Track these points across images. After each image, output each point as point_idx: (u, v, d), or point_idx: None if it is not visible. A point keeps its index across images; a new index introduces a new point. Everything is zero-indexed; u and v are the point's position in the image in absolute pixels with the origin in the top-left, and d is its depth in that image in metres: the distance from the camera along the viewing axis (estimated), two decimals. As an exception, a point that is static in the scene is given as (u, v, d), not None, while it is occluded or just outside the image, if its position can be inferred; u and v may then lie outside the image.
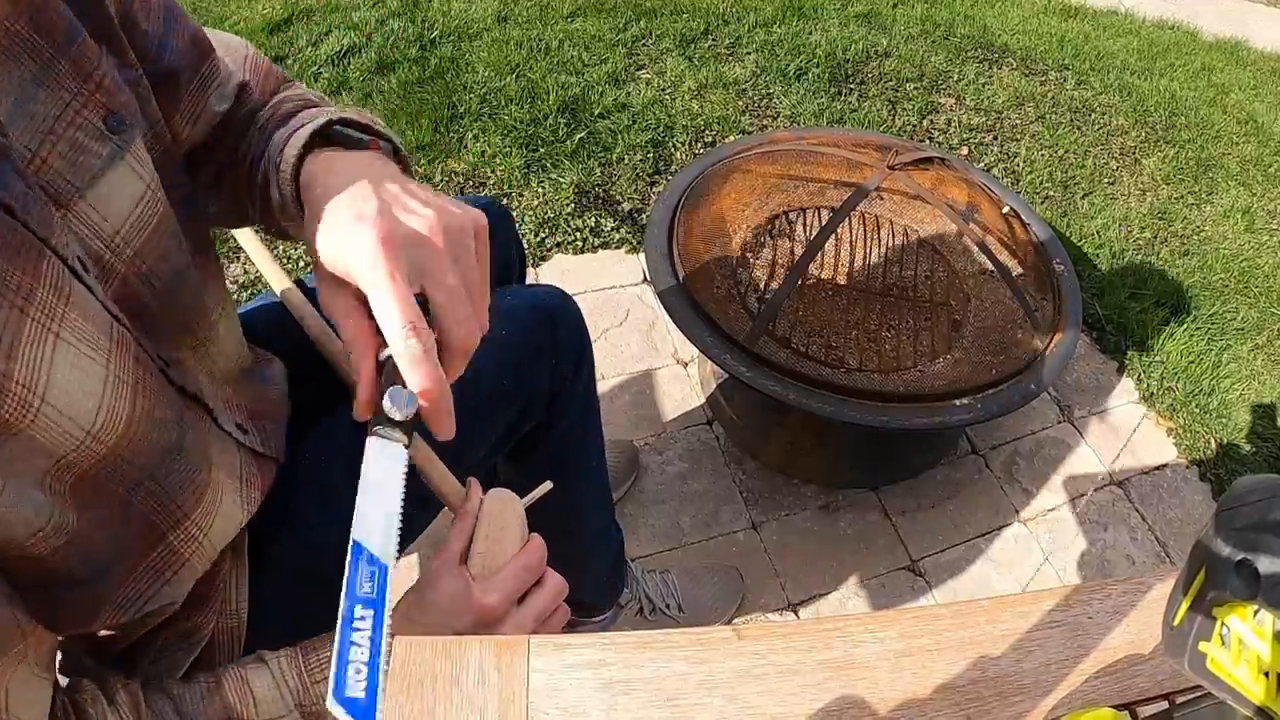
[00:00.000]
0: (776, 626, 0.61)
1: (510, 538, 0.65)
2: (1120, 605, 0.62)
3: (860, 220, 1.60)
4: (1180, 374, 1.76)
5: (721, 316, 1.32)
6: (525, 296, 0.89)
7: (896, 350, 1.41)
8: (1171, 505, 1.57)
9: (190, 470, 0.56)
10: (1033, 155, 2.20)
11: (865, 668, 0.58)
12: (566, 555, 1.11)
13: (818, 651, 0.58)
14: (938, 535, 1.50)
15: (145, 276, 0.55)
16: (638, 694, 0.56)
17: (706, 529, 1.46)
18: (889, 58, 2.43)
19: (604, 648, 0.58)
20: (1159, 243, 2.03)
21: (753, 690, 0.56)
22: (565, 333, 0.89)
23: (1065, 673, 0.58)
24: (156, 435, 0.52)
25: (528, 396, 0.87)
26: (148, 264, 0.55)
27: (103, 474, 0.48)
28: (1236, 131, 2.37)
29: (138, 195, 0.53)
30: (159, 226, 0.55)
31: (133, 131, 0.52)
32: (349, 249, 0.47)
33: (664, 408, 1.62)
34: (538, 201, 1.91)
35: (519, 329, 0.84)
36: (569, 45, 2.30)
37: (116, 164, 0.51)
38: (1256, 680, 0.37)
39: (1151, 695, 0.57)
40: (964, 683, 0.57)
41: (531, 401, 0.87)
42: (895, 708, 0.56)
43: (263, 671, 0.58)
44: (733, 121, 2.16)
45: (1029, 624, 0.61)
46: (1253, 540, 0.38)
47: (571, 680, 0.57)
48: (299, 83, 0.76)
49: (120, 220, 0.52)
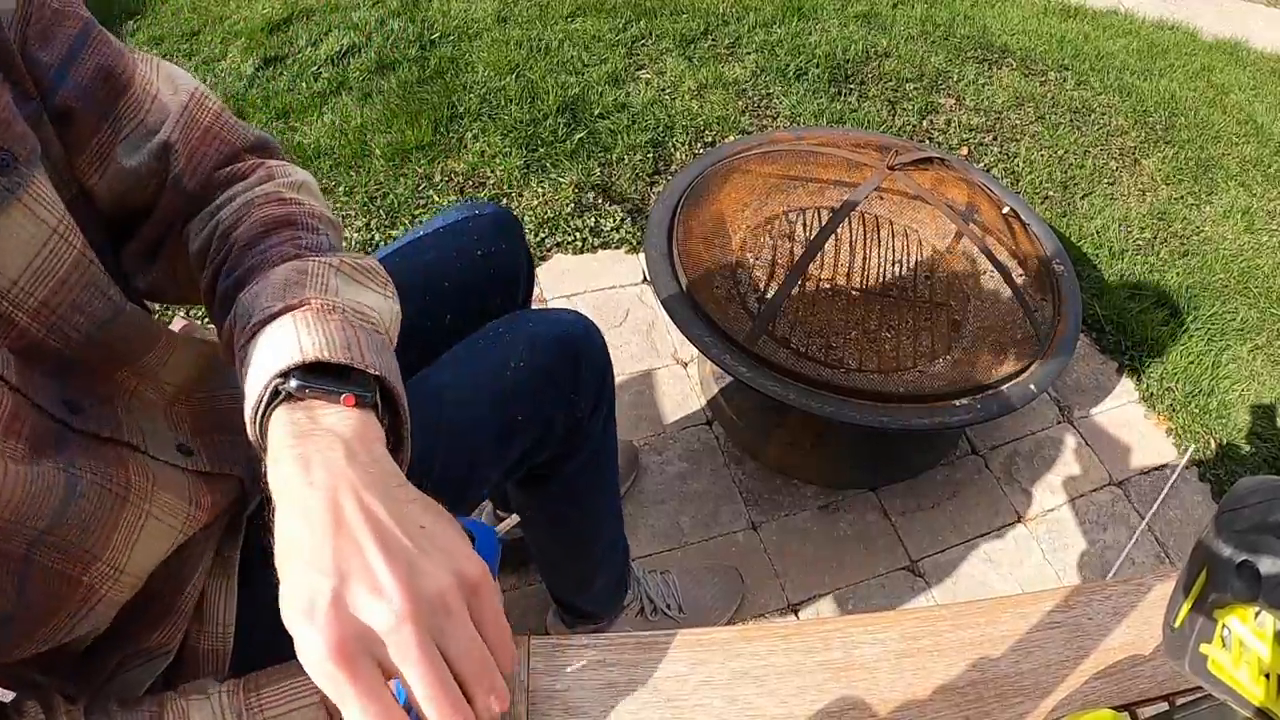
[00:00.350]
0: (776, 627, 0.61)
1: None
2: (1120, 606, 0.62)
3: (860, 220, 1.60)
4: (1180, 374, 1.76)
5: (721, 317, 1.32)
6: (549, 326, 0.83)
7: (896, 350, 1.41)
8: (1171, 506, 1.58)
9: (95, 513, 0.52)
10: (1032, 155, 2.20)
11: (865, 669, 0.58)
12: (577, 571, 1.11)
13: (818, 652, 0.58)
14: (937, 536, 1.50)
15: (56, 327, 0.51)
16: (638, 694, 0.56)
17: (706, 529, 1.46)
18: (889, 58, 2.43)
19: (604, 648, 0.58)
20: (1159, 243, 2.03)
21: (753, 691, 0.56)
22: (588, 368, 0.85)
23: (1065, 673, 0.58)
24: (40, 501, 0.48)
25: (542, 429, 0.84)
26: (58, 314, 0.50)
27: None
28: (1236, 132, 2.37)
29: (39, 241, 0.48)
30: (69, 277, 0.50)
31: (26, 170, 0.47)
32: (301, 653, 0.38)
33: (664, 408, 1.62)
34: (537, 201, 1.91)
35: (539, 361, 0.81)
36: (569, 45, 2.30)
37: (9, 206, 0.46)
38: (1257, 681, 0.37)
39: (1151, 696, 0.57)
40: (964, 684, 0.57)
41: (547, 434, 0.85)
42: (895, 709, 0.56)
43: (204, 705, 0.54)
44: (732, 121, 2.16)
45: (1029, 625, 0.61)
46: (1254, 542, 0.38)
47: (571, 680, 0.57)
48: (284, 167, 0.63)
49: (16, 270, 0.47)
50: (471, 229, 0.91)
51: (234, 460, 0.65)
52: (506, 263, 0.94)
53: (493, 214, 0.94)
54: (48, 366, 0.52)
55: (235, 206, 0.57)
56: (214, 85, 2.15)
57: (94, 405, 0.55)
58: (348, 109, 2.08)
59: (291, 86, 2.15)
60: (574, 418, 0.87)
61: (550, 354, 0.82)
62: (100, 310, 0.53)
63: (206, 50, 2.27)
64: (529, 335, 0.82)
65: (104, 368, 0.57)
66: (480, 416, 0.78)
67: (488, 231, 0.93)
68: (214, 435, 0.65)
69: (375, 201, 1.88)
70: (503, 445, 0.81)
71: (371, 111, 2.07)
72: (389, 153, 1.96)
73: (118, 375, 0.58)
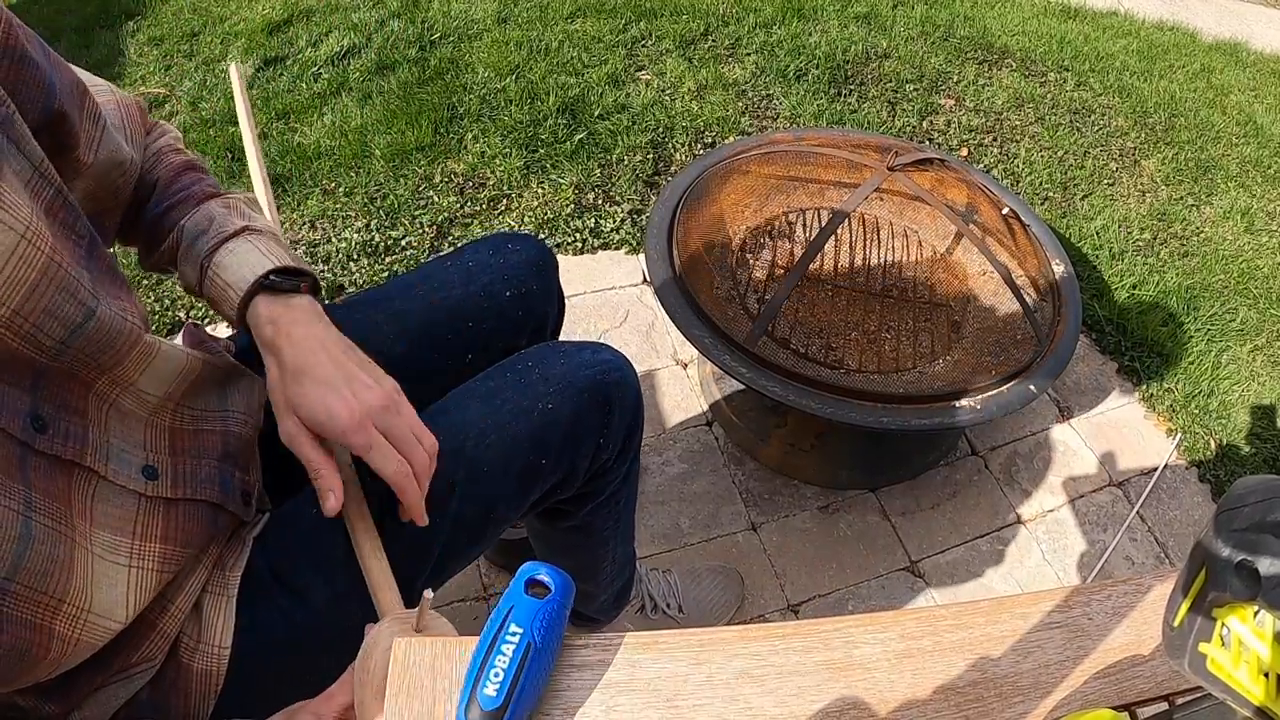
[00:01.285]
0: (776, 627, 0.61)
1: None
2: (1120, 606, 0.62)
3: (860, 221, 1.60)
4: (1180, 374, 1.76)
5: (721, 317, 1.32)
6: (582, 366, 0.79)
7: (896, 351, 1.41)
8: (1170, 506, 1.58)
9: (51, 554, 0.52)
10: (1032, 156, 2.20)
11: (865, 669, 0.58)
12: (583, 590, 1.11)
13: (818, 652, 0.58)
14: (937, 536, 1.50)
15: (29, 336, 0.52)
16: (638, 694, 0.56)
17: (706, 530, 1.46)
18: (889, 59, 2.43)
19: (604, 648, 0.58)
20: (1158, 244, 2.03)
21: (753, 691, 0.56)
22: (619, 414, 0.81)
23: (1065, 673, 0.58)
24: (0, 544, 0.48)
25: (565, 474, 0.81)
26: (31, 322, 0.51)
27: None
28: (1236, 133, 2.37)
29: (7, 248, 0.49)
30: (40, 282, 0.51)
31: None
32: (337, 419, 0.63)
33: (664, 409, 1.62)
34: (537, 202, 1.91)
35: (568, 408, 0.77)
36: (569, 46, 2.30)
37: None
38: (1256, 681, 0.37)
39: (1151, 696, 0.57)
40: (964, 684, 0.57)
41: (568, 479, 0.82)
42: (895, 709, 0.56)
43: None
44: (732, 122, 2.16)
45: (1029, 625, 0.61)
46: (1253, 541, 0.38)
47: (571, 680, 0.57)
48: (165, 126, 0.78)
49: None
50: (503, 265, 0.87)
51: (205, 483, 0.66)
52: (536, 305, 0.90)
53: (525, 251, 0.89)
54: (20, 379, 0.52)
55: (151, 152, 0.74)
56: (214, 86, 2.15)
57: (64, 420, 0.55)
58: (348, 110, 2.08)
59: (291, 87, 2.15)
60: (600, 462, 0.84)
61: (582, 399, 0.78)
62: (72, 314, 0.54)
63: (206, 50, 2.27)
64: (561, 377, 0.77)
65: (82, 375, 0.57)
66: (504, 460, 0.75)
67: (519, 271, 0.88)
68: (187, 459, 0.65)
69: (375, 202, 1.88)
70: (525, 489, 0.78)
71: (371, 112, 2.07)
72: (389, 153, 1.96)
73: (97, 384, 0.58)
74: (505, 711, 0.51)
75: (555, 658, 0.56)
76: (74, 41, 2.32)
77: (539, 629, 0.54)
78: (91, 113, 0.63)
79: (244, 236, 0.69)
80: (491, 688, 0.51)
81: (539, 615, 0.54)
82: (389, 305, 0.84)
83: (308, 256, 1.78)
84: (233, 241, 0.69)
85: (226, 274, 0.67)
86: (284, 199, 1.89)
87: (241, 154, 1.97)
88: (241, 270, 0.67)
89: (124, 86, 2.18)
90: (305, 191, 1.90)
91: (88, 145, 0.63)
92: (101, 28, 2.38)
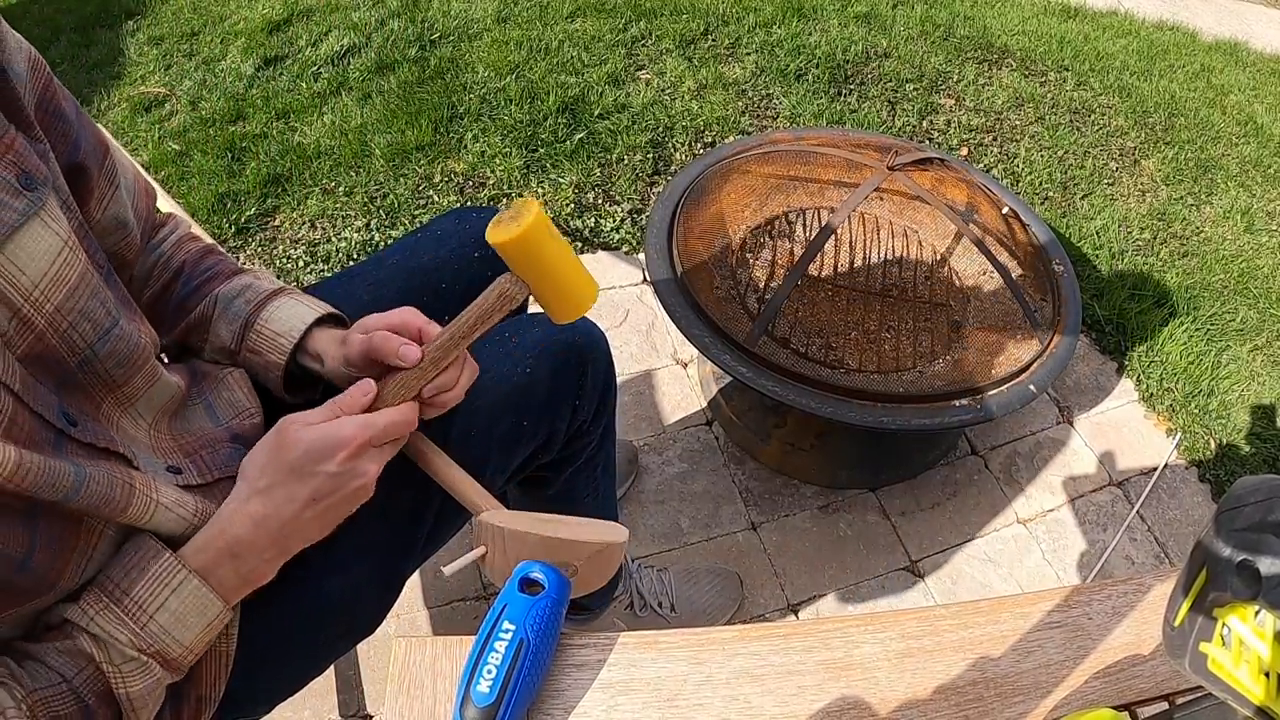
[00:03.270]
0: (776, 627, 0.61)
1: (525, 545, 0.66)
2: (1120, 606, 0.62)
3: (860, 221, 1.60)
4: (1180, 374, 1.76)
5: (721, 317, 1.32)
6: (555, 331, 0.84)
7: (896, 351, 1.41)
8: (1170, 506, 1.58)
9: (106, 495, 0.55)
10: (1032, 156, 2.20)
11: (865, 668, 0.58)
12: None
13: (818, 652, 0.58)
14: (937, 536, 1.50)
15: (66, 335, 0.56)
16: (638, 694, 0.56)
17: (706, 529, 1.46)
18: (889, 58, 2.43)
19: (604, 648, 0.58)
20: (1158, 243, 2.03)
21: (753, 691, 0.56)
22: (592, 375, 0.86)
23: (1065, 673, 0.58)
24: (54, 481, 0.51)
25: (546, 437, 0.85)
26: (69, 320, 0.56)
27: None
28: (1236, 133, 2.37)
29: (54, 251, 0.55)
30: (79, 285, 0.57)
31: (45, 191, 0.56)
32: (404, 314, 0.69)
33: (663, 408, 1.62)
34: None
35: (546, 368, 0.82)
36: (569, 46, 2.30)
37: (32, 219, 0.54)
38: (1257, 680, 0.37)
39: (1151, 696, 0.57)
40: (964, 683, 0.57)
41: (549, 441, 0.86)
42: (895, 708, 0.56)
43: (85, 642, 0.56)
44: (732, 122, 2.16)
45: (1029, 625, 0.61)
46: (1253, 541, 0.38)
47: (571, 680, 0.57)
48: (178, 218, 0.83)
49: (38, 274, 0.54)
50: (469, 230, 0.91)
51: (230, 460, 0.68)
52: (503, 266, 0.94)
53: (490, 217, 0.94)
54: (50, 381, 0.56)
55: (170, 243, 0.78)
56: (214, 86, 2.15)
57: (89, 422, 0.58)
58: (348, 109, 2.08)
59: (291, 87, 2.15)
60: (577, 423, 0.88)
61: (557, 361, 0.82)
62: (102, 319, 0.59)
63: (206, 50, 2.27)
64: (536, 342, 0.82)
65: (93, 392, 0.60)
66: (488, 425, 0.79)
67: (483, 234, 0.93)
68: (201, 453, 0.68)
69: (375, 201, 1.88)
70: (508, 453, 0.82)
71: (371, 112, 2.07)
72: (389, 153, 1.96)
73: (104, 404, 0.61)
74: (499, 707, 0.51)
75: (552, 655, 0.57)
76: (74, 41, 2.32)
77: (532, 626, 0.54)
78: (109, 171, 0.67)
79: (285, 294, 0.76)
80: (484, 684, 0.51)
81: (532, 612, 0.55)
82: (365, 277, 0.89)
83: (307, 256, 1.78)
84: (277, 299, 0.75)
85: (276, 325, 0.73)
86: (284, 199, 1.89)
87: (242, 154, 1.97)
88: (292, 321, 0.73)
89: (124, 86, 2.18)
90: (305, 191, 1.89)
91: (99, 202, 0.67)
92: (101, 27, 2.38)
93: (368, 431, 0.62)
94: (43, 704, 0.53)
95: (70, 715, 0.54)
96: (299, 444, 0.60)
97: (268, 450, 0.62)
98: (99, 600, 0.56)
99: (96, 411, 0.61)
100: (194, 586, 0.58)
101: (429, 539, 0.80)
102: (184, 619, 0.58)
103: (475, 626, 0.59)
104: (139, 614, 0.56)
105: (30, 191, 0.54)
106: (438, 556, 0.86)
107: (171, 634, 0.57)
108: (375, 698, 1.20)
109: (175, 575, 0.57)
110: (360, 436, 0.61)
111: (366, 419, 0.62)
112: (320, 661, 0.78)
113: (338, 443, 0.60)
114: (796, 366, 1.29)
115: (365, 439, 0.61)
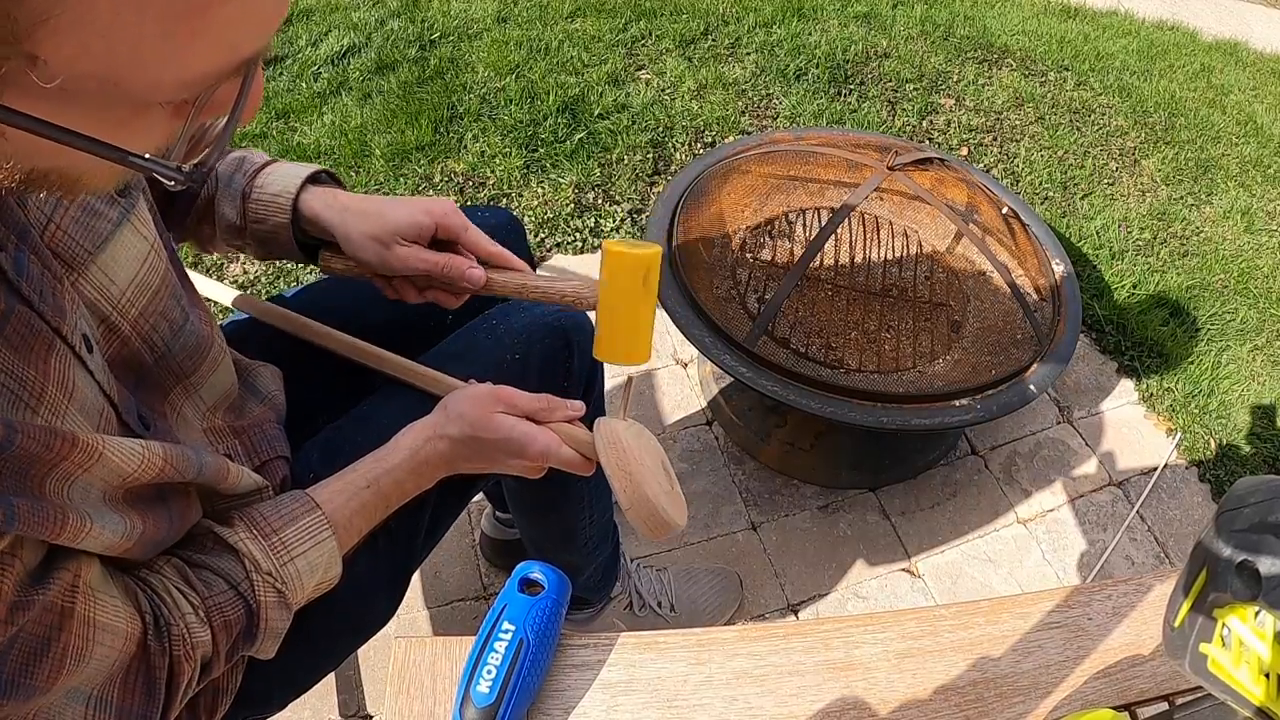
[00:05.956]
0: (776, 627, 0.61)
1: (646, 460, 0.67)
2: (1120, 606, 0.62)
3: (860, 221, 1.60)
4: (1180, 374, 1.76)
5: (721, 317, 1.32)
6: (541, 315, 0.86)
7: (896, 351, 1.41)
8: (1170, 506, 1.58)
9: (217, 465, 0.59)
10: (1032, 156, 2.20)
11: (865, 668, 0.58)
12: (567, 561, 1.12)
13: (818, 652, 0.58)
14: (937, 536, 1.50)
15: (147, 337, 0.58)
16: (638, 694, 0.56)
17: (706, 529, 1.46)
18: (888, 58, 2.43)
19: (604, 648, 0.58)
20: (1158, 243, 2.03)
21: (753, 691, 0.56)
22: (579, 356, 0.87)
23: (1065, 673, 0.58)
24: (181, 466, 0.54)
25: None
26: (150, 323, 0.58)
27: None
28: (1236, 132, 2.37)
29: (141, 256, 0.56)
30: (161, 287, 0.59)
31: (136, 194, 0.57)
32: (435, 207, 0.72)
33: (664, 408, 1.62)
34: (537, 202, 1.91)
35: (533, 351, 0.83)
36: (569, 45, 2.30)
37: (123, 226, 0.55)
38: (1257, 681, 0.37)
39: (1151, 696, 0.57)
40: (964, 683, 0.57)
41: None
42: (895, 708, 0.56)
43: (235, 556, 0.60)
44: (732, 122, 2.16)
45: (1029, 625, 0.61)
46: (1254, 541, 0.38)
47: (571, 680, 0.57)
48: None
49: (126, 282, 0.55)
50: None
51: (273, 446, 0.73)
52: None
53: (495, 217, 0.94)
54: (129, 379, 0.58)
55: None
56: (214, 85, 2.15)
57: (159, 420, 0.61)
58: (348, 109, 2.08)
59: (291, 86, 2.15)
60: None
61: (544, 342, 0.84)
62: (177, 316, 0.61)
63: (206, 50, 2.27)
64: (523, 326, 0.84)
65: (164, 383, 0.62)
66: None
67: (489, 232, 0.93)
68: (249, 435, 0.72)
69: (375, 201, 1.87)
70: None
71: (371, 112, 2.07)
72: (389, 153, 1.96)
73: (171, 393, 0.63)
74: (499, 707, 0.51)
75: (552, 655, 0.57)
76: (74, 41, 2.32)
77: (532, 626, 0.54)
78: None
79: (275, 162, 0.78)
80: (484, 684, 0.52)
81: (532, 612, 0.55)
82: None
83: (307, 256, 1.78)
84: (268, 167, 0.77)
85: (273, 187, 0.75)
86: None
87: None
88: (286, 181, 0.75)
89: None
90: (305, 191, 1.89)
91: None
92: (101, 27, 2.38)
93: (551, 458, 0.69)
94: (217, 610, 0.57)
95: (238, 619, 0.58)
96: (499, 430, 0.67)
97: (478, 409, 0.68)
98: (249, 530, 0.60)
99: (164, 401, 0.63)
100: (331, 546, 0.63)
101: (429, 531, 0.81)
102: (314, 570, 0.62)
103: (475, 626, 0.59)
104: (283, 553, 0.60)
105: (124, 197, 0.55)
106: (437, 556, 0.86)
107: (301, 578, 0.62)
108: (375, 698, 1.20)
109: (322, 530, 0.63)
110: (545, 456, 0.68)
111: (558, 448, 0.69)
112: (331, 658, 0.79)
113: (527, 448, 0.68)
114: (796, 366, 1.29)
115: (546, 458, 0.69)
